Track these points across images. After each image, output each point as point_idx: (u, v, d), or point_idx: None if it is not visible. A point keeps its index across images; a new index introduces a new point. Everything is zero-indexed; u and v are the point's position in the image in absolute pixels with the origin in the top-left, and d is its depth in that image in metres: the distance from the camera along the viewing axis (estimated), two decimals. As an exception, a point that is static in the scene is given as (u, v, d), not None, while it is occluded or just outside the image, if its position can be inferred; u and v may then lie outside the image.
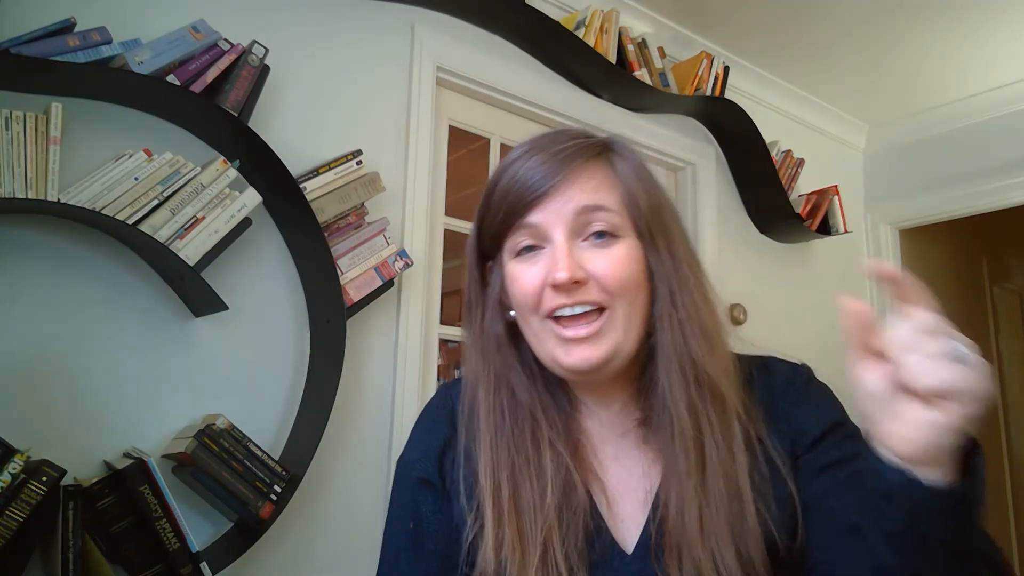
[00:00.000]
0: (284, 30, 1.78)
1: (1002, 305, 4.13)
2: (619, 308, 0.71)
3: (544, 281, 0.71)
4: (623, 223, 0.73)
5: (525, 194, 0.72)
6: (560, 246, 0.71)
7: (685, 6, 2.55)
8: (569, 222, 0.71)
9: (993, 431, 3.90)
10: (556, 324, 0.72)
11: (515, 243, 0.74)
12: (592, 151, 0.75)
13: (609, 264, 0.71)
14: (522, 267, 0.73)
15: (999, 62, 2.86)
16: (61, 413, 1.40)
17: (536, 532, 0.71)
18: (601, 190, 0.73)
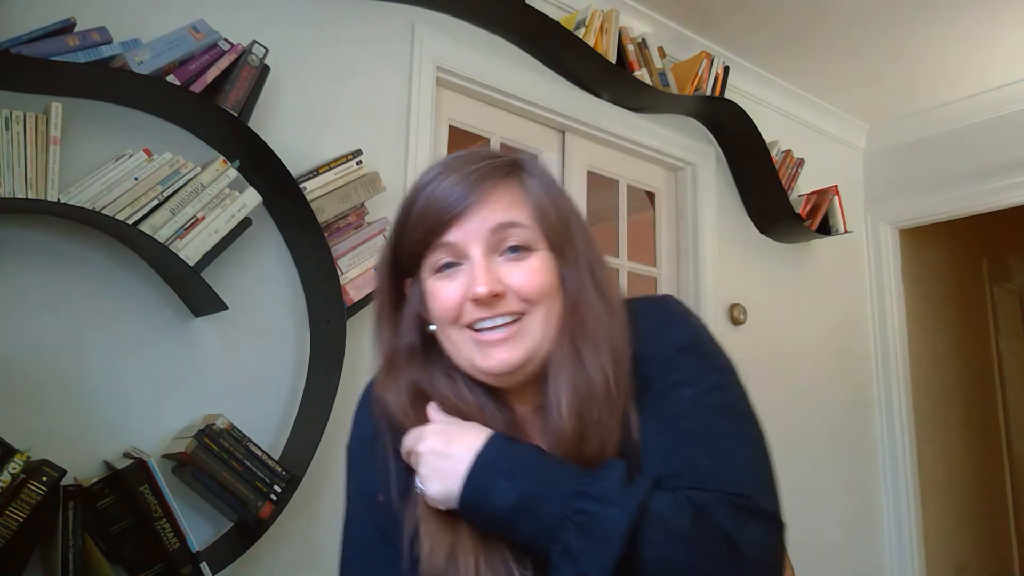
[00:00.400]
0: (284, 30, 1.78)
1: (1002, 305, 4.13)
2: (536, 313, 0.75)
3: (464, 296, 0.75)
4: (536, 237, 0.77)
5: (442, 214, 0.76)
6: (478, 262, 0.74)
7: (685, 6, 2.55)
8: (485, 239, 0.75)
9: (993, 431, 3.90)
10: (475, 332, 0.75)
11: (434, 261, 0.77)
12: (502, 171, 0.79)
13: (525, 276, 0.75)
14: (442, 283, 0.77)
15: (999, 62, 2.86)
16: (61, 413, 1.40)
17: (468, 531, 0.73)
18: (513, 208, 0.77)
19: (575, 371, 0.74)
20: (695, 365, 0.74)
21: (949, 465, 3.43)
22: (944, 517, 3.31)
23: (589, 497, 0.66)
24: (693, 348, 0.75)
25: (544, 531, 0.66)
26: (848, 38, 2.71)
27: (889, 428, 3.20)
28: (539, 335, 0.75)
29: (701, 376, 0.73)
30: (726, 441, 0.70)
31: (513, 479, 0.68)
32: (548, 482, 0.68)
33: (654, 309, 0.80)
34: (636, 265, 2.61)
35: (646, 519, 0.64)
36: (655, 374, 0.74)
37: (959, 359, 3.67)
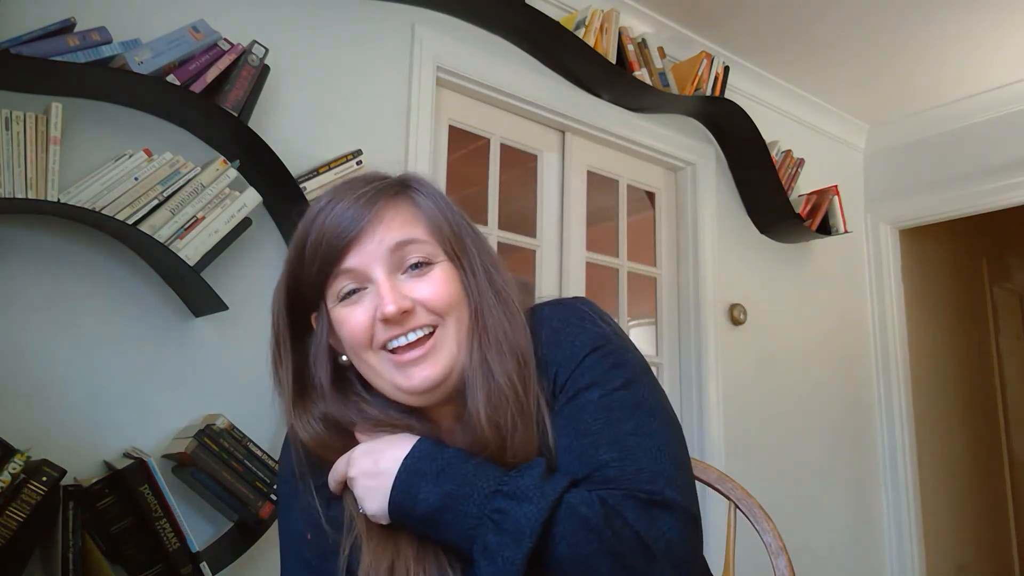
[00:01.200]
0: (284, 30, 1.78)
1: (1002, 305, 4.13)
2: (449, 324, 0.76)
3: (373, 317, 0.74)
4: (435, 250, 0.78)
5: (337, 241, 0.75)
6: (383, 282, 0.74)
7: (685, 6, 2.55)
8: (385, 259, 0.75)
9: (993, 431, 3.90)
10: (392, 354, 0.75)
11: (337, 289, 0.77)
12: (391, 191, 0.79)
13: (431, 287, 0.75)
14: (349, 310, 0.76)
15: (999, 62, 2.86)
16: (61, 413, 1.40)
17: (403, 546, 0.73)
18: (408, 225, 0.77)
19: (485, 379, 0.75)
20: (601, 366, 0.74)
21: (949, 465, 3.43)
22: (944, 517, 3.31)
23: (505, 495, 0.67)
24: (599, 350, 0.75)
25: (466, 530, 0.67)
26: (848, 38, 2.71)
27: (889, 428, 3.20)
28: (454, 346, 0.76)
29: (607, 376, 0.73)
30: (633, 439, 0.70)
31: (437, 481, 0.69)
32: (470, 482, 0.69)
33: (561, 313, 0.79)
34: (636, 265, 2.61)
35: (559, 514, 0.65)
36: (565, 378, 0.75)
37: (959, 359, 3.67)
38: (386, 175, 0.83)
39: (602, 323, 0.79)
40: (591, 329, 0.77)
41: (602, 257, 2.49)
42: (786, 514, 2.46)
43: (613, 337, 0.77)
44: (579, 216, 2.42)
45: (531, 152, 2.37)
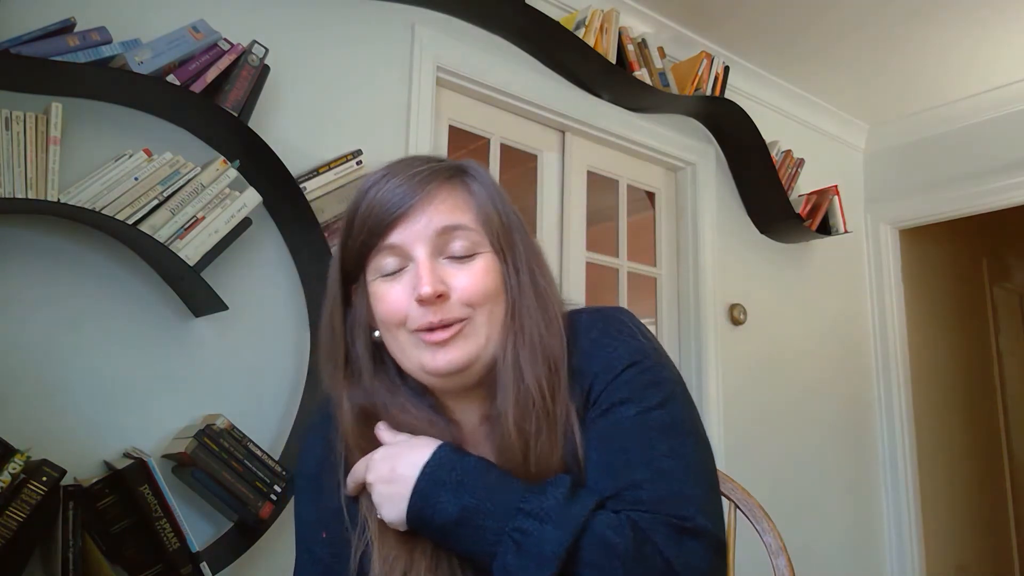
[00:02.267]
0: (284, 30, 1.78)
1: (1002, 305, 4.13)
2: (479, 316, 0.75)
3: (409, 297, 0.74)
4: (481, 240, 0.77)
5: (385, 216, 0.75)
6: (423, 263, 0.74)
7: (685, 6, 2.55)
8: (430, 241, 0.75)
9: (993, 431, 3.90)
10: (421, 333, 0.75)
11: (378, 264, 0.77)
12: (447, 173, 0.79)
13: (469, 278, 0.75)
14: (387, 286, 0.76)
15: (999, 62, 2.86)
16: (61, 413, 1.40)
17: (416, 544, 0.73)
18: (458, 210, 0.77)
19: (515, 380, 0.74)
20: (639, 382, 0.73)
21: (949, 465, 3.43)
22: (944, 517, 3.31)
23: (528, 515, 0.66)
24: (637, 365, 0.74)
25: (484, 546, 0.67)
26: (848, 38, 2.71)
27: (889, 428, 3.20)
28: (483, 337, 0.75)
29: (644, 394, 0.72)
30: (667, 461, 0.69)
31: (456, 492, 0.68)
32: (490, 496, 0.68)
33: (599, 323, 0.78)
34: (636, 265, 2.61)
35: (585, 539, 0.64)
36: (600, 391, 0.74)
37: (959, 359, 3.67)
38: (443, 158, 0.83)
39: (642, 337, 0.77)
40: (630, 342, 0.76)
41: (602, 257, 2.49)
42: (786, 514, 2.46)
43: (652, 352, 0.76)
44: (579, 216, 2.42)
45: (531, 152, 2.37)
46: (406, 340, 0.76)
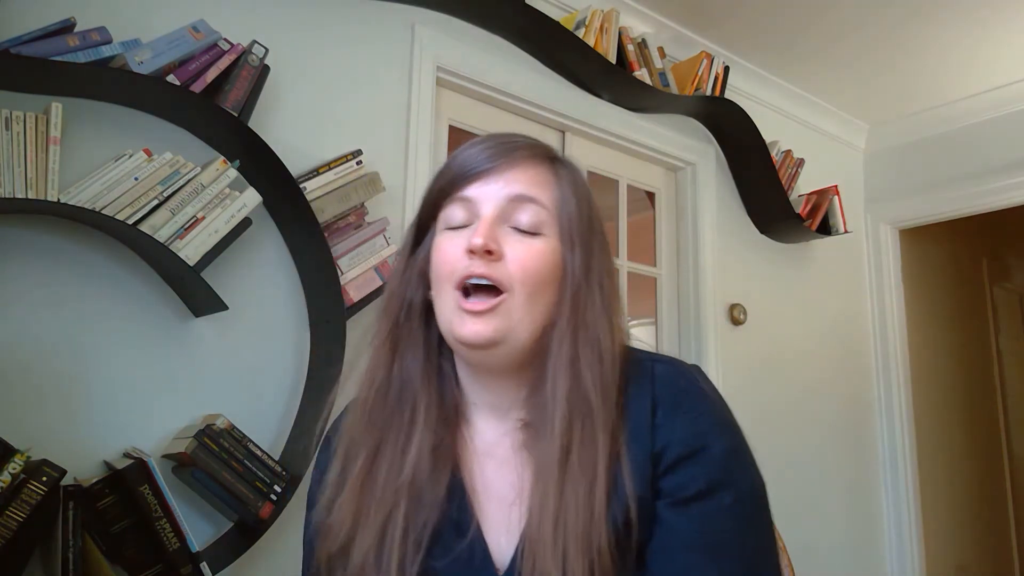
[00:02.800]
0: (284, 30, 1.78)
1: (1002, 305, 4.13)
2: (518, 296, 0.73)
3: (464, 250, 0.73)
4: (550, 222, 0.76)
5: (466, 170, 0.76)
6: (485, 219, 0.73)
7: (685, 6, 2.55)
8: (500, 204, 0.74)
9: (993, 431, 3.90)
10: (461, 297, 0.73)
11: (448, 215, 0.77)
12: (539, 151, 0.79)
13: (524, 250, 0.74)
14: (448, 237, 0.76)
15: (999, 62, 2.86)
16: (61, 413, 1.40)
17: (380, 508, 0.72)
18: (537, 185, 0.76)
19: (573, 378, 0.72)
20: (734, 464, 0.71)
21: (949, 465, 3.43)
22: (944, 517, 3.31)
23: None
24: (736, 449, 0.72)
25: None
26: (848, 38, 2.71)
27: (889, 428, 3.20)
28: (516, 319, 0.73)
29: (738, 478, 0.70)
30: (759, 556, 0.69)
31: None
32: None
33: (681, 379, 0.74)
34: (636, 265, 2.61)
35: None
36: (679, 455, 0.70)
37: (959, 359, 3.67)
38: (545, 143, 0.82)
39: (726, 409, 0.75)
40: (720, 415, 0.73)
41: (602, 257, 2.49)
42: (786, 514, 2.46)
43: (738, 428, 0.74)
44: (579, 216, 2.42)
45: (531, 152, 2.37)
46: (448, 298, 0.74)
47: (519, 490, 0.74)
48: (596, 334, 0.74)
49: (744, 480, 0.71)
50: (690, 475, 0.69)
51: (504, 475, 0.77)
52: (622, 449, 0.71)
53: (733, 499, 0.69)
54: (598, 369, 0.72)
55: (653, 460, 0.71)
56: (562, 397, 0.71)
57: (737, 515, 0.69)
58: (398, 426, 0.77)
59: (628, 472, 0.69)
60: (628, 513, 0.68)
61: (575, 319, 0.74)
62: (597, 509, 0.68)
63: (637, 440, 0.71)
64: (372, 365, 0.80)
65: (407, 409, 0.77)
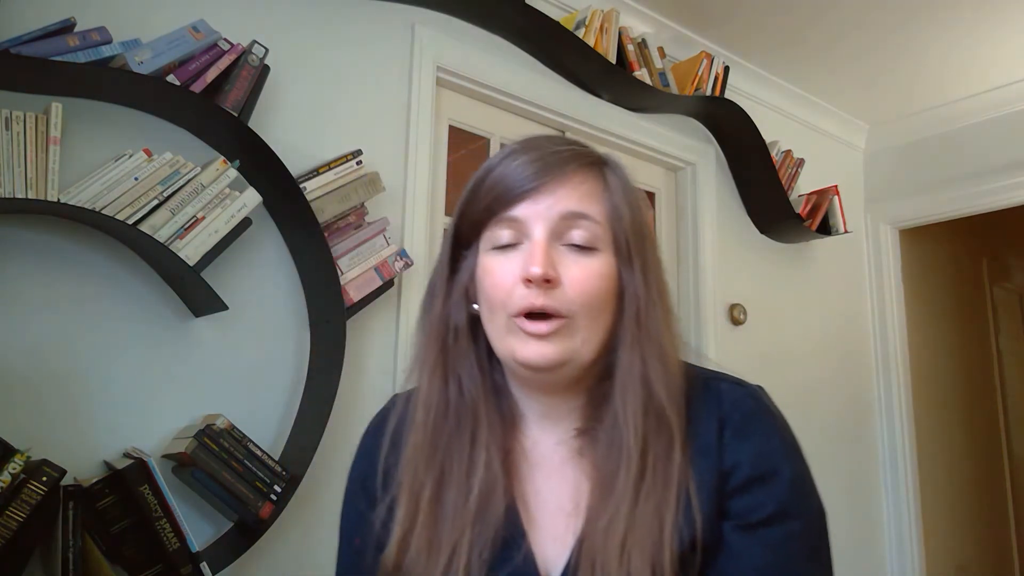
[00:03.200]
0: (284, 30, 1.78)
1: (1002, 305, 4.13)
2: (581, 319, 0.71)
3: (517, 276, 0.71)
4: (604, 236, 0.73)
5: (513, 188, 0.72)
6: (539, 243, 0.70)
7: (685, 6, 2.55)
8: (552, 223, 0.71)
9: (993, 431, 3.90)
10: (519, 320, 0.71)
11: (494, 235, 0.74)
12: (586, 159, 0.76)
13: (582, 272, 0.71)
14: (498, 260, 0.73)
15: (999, 62, 2.86)
16: (61, 413, 1.40)
17: (449, 535, 0.71)
18: (588, 199, 0.73)
19: (643, 387, 0.71)
20: (802, 492, 0.71)
21: (949, 465, 3.43)
22: (944, 517, 3.31)
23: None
24: (804, 476, 0.71)
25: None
26: (848, 38, 2.71)
27: (889, 428, 3.20)
28: (579, 341, 0.71)
29: (806, 506, 0.70)
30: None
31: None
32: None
33: (750, 399, 0.74)
34: (636, 265, 2.60)
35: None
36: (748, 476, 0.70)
37: (959, 359, 3.67)
38: (588, 144, 0.79)
39: (791, 430, 0.74)
40: (789, 439, 0.73)
41: (602, 257, 2.49)
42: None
43: (803, 453, 0.73)
44: (579, 216, 2.42)
45: (531, 152, 2.37)
46: (503, 324, 0.72)
47: (575, 501, 0.73)
48: (662, 347, 0.72)
49: (811, 508, 0.70)
50: (760, 499, 0.69)
51: (558, 485, 0.76)
52: (690, 466, 0.70)
53: (801, 527, 0.69)
54: (668, 383, 0.71)
55: (720, 479, 0.70)
56: (633, 412, 0.70)
57: (804, 543, 0.69)
58: (459, 448, 0.75)
59: (696, 490, 0.69)
60: (695, 531, 0.67)
61: (641, 334, 0.72)
62: (667, 525, 0.67)
63: (705, 458, 0.71)
64: (426, 391, 0.77)
65: (467, 430, 0.76)
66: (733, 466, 0.70)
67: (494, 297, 0.72)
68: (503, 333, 0.73)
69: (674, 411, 0.71)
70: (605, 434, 0.72)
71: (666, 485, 0.69)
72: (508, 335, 0.72)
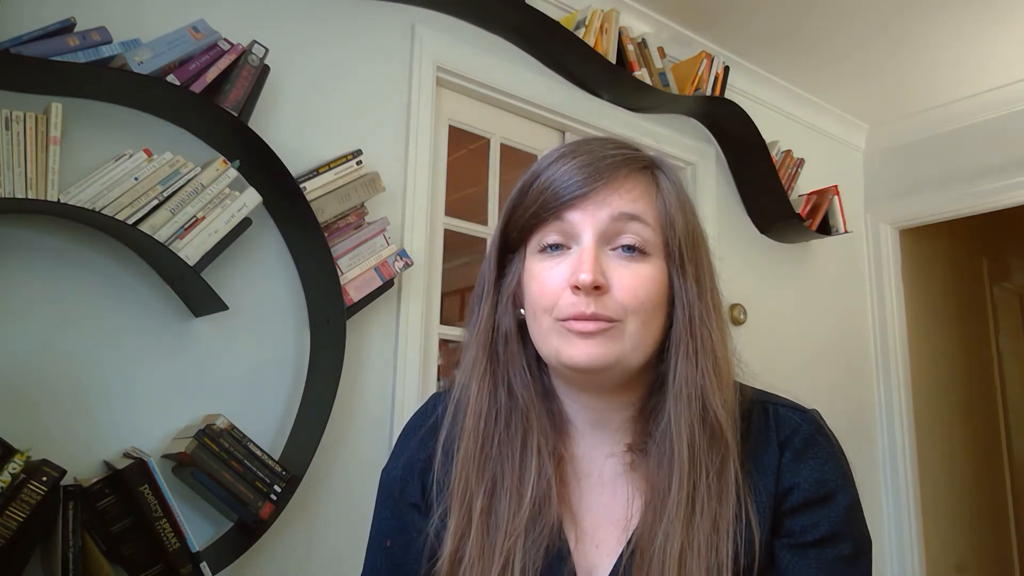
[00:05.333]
0: (284, 30, 1.78)
1: (1002, 305, 4.13)
2: (631, 324, 0.69)
3: (566, 282, 0.69)
4: (655, 240, 0.71)
5: (563, 192, 0.71)
6: (588, 248, 0.69)
7: (685, 6, 2.55)
8: (602, 227, 0.70)
9: (993, 431, 3.90)
10: (567, 322, 0.70)
11: (542, 239, 0.72)
12: (638, 163, 0.74)
13: (632, 278, 0.70)
14: (545, 265, 0.72)
15: (999, 62, 2.86)
16: (61, 413, 1.40)
17: (502, 544, 0.70)
18: (640, 202, 0.72)
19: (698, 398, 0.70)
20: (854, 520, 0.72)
21: (949, 465, 3.43)
22: (944, 518, 3.31)
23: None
24: (856, 503, 0.73)
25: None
26: (848, 38, 2.71)
27: (889, 429, 3.20)
28: (629, 346, 0.70)
29: (857, 532, 0.71)
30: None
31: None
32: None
33: (809, 424, 0.75)
34: (636, 265, 2.61)
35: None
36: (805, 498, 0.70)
37: (959, 359, 3.67)
38: (640, 146, 0.77)
39: (845, 457, 0.76)
40: (844, 466, 0.74)
41: (602, 257, 2.49)
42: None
43: (855, 485, 0.74)
44: (579, 216, 2.42)
45: (531, 152, 2.37)
46: (549, 327, 0.71)
47: (626, 515, 0.73)
48: (716, 359, 0.72)
49: (861, 534, 0.71)
50: (814, 520, 0.70)
51: (608, 497, 0.75)
52: (749, 484, 0.70)
53: (852, 551, 0.70)
54: (724, 397, 0.71)
55: (777, 499, 0.70)
56: (687, 424, 0.69)
57: (853, 566, 0.70)
58: (511, 454, 0.74)
59: (753, 507, 0.69)
60: (752, 548, 0.68)
61: (694, 343, 0.71)
62: (726, 543, 0.67)
63: (764, 477, 0.71)
64: (475, 397, 0.76)
65: (518, 436, 0.75)
66: (791, 487, 0.71)
67: (541, 302, 0.71)
68: (548, 334, 0.71)
69: (729, 426, 0.70)
70: (657, 447, 0.71)
71: (721, 501, 0.68)
72: (553, 336, 0.71)
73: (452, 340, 2.13)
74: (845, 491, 0.72)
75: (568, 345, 0.69)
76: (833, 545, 0.69)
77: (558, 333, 0.70)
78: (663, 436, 0.71)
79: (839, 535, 0.70)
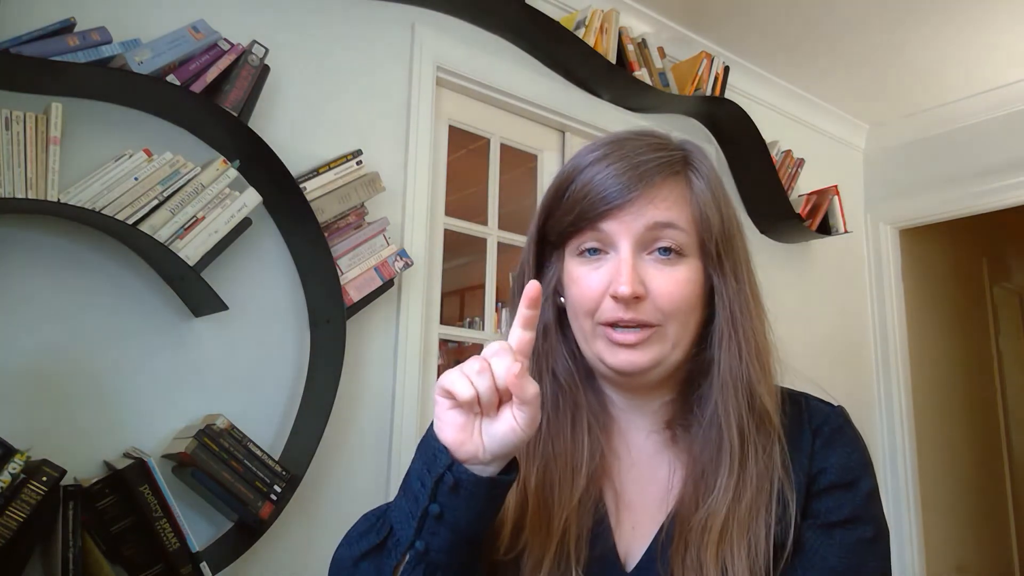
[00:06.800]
0: (284, 30, 1.78)
1: (1002, 305, 4.13)
2: (670, 327, 0.73)
3: (605, 290, 0.73)
4: (690, 242, 0.74)
5: (599, 203, 0.73)
6: (626, 259, 0.72)
7: (685, 6, 2.55)
8: (638, 235, 0.73)
9: (993, 431, 3.90)
10: (608, 328, 0.73)
11: (580, 243, 0.75)
12: (672, 168, 0.75)
13: (669, 283, 0.72)
14: (584, 270, 0.75)
15: (999, 62, 2.86)
16: (61, 413, 1.40)
17: (559, 516, 0.73)
18: (675, 208, 0.74)
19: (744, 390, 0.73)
20: (876, 505, 0.75)
21: (949, 465, 3.43)
22: (944, 517, 3.31)
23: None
24: (877, 491, 0.76)
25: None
26: (848, 38, 2.71)
27: (889, 428, 3.20)
28: (669, 347, 0.73)
29: (877, 515, 0.74)
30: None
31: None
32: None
33: (837, 416, 0.80)
34: (636, 265, 2.60)
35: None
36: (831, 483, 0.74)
37: (959, 359, 3.67)
38: (672, 144, 0.78)
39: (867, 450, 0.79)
40: (867, 457, 0.78)
41: (602, 257, 2.49)
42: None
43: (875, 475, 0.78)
44: (579, 216, 2.42)
45: (531, 152, 2.37)
46: (591, 330, 0.74)
47: (666, 491, 0.76)
48: (759, 349, 0.75)
49: (880, 520, 0.74)
50: (839, 502, 0.73)
51: (648, 477, 0.78)
52: (789, 470, 0.73)
53: (872, 534, 0.73)
54: (768, 385, 0.74)
55: (808, 483, 0.74)
56: (736, 411, 0.73)
57: (873, 548, 0.73)
58: (561, 433, 0.77)
59: (791, 486, 0.72)
60: (789, 531, 0.71)
61: (736, 336, 0.75)
62: (766, 523, 0.70)
63: (797, 461, 0.74)
64: None
65: (567, 415, 0.78)
66: (819, 472, 0.74)
67: (582, 307, 0.74)
68: (591, 336, 0.75)
69: (776, 410, 0.74)
70: (703, 431, 0.74)
71: (761, 486, 0.72)
72: (596, 339, 0.74)
73: (452, 340, 2.13)
74: (868, 480, 0.75)
75: (611, 353, 0.73)
76: (855, 527, 0.72)
77: (601, 339, 0.74)
78: (711, 423, 0.74)
79: (861, 518, 0.72)
